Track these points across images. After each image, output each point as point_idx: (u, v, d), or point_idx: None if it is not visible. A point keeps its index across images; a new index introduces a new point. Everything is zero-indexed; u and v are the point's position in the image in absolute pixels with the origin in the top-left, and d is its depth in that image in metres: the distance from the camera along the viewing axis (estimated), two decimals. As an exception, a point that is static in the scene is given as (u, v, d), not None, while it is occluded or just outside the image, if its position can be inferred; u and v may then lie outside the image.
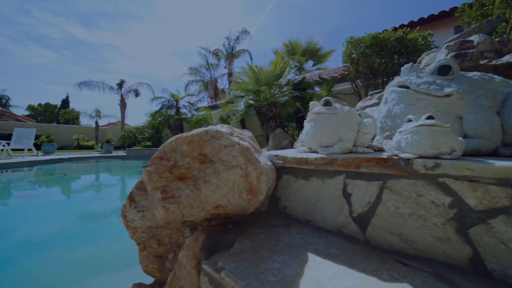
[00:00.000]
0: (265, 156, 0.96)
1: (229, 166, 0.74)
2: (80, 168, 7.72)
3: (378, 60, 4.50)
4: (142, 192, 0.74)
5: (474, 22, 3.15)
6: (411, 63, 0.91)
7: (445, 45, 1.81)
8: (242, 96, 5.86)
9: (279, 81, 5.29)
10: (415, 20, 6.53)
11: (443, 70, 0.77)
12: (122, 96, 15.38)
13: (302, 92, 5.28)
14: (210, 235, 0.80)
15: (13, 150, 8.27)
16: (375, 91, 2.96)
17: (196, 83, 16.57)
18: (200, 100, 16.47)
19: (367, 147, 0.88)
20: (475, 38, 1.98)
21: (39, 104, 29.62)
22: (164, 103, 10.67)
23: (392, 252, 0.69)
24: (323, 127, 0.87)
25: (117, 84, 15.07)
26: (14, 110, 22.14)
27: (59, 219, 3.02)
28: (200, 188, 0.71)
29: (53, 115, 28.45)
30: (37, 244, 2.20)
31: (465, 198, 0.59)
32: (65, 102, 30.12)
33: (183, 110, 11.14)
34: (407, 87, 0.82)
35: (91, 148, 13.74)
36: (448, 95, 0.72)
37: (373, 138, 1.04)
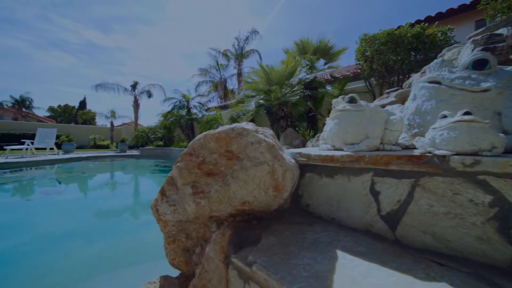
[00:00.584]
0: (288, 154, 0.96)
1: (257, 162, 0.75)
2: (97, 167, 8.05)
3: (393, 57, 4.37)
4: (173, 187, 0.77)
5: (499, 15, 2.99)
6: (441, 59, 0.88)
7: (471, 39, 1.72)
8: (253, 96, 5.88)
9: (290, 80, 5.26)
10: (432, 15, 6.28)
11: (478, 64, 0.74)
12: (135, 97, 15.89)
13: (314, 91, 5.23)
14: (236, 230, 0.82)
15: (36, 149, 8.75)
16: (392, 89, 2.88)
17: (206, 83, 16.81)
18: (210, 100, 16.68)
19: (394, 145, 0.86)
20: (503, 31, 1.88)
21: (59, 106, 31.22)
22: (176, 104, 10.90)
23: (425, 252, 0.67)
24: (348, 125, 0.86)
25: (131, 86, 15.58)
26: (36, 112, 23.49)
27: (77, 214, 3.18)
28: (229, 183, 0.73)
29: (72, 116, 29.89)
30: (57, 238, 2.32)
31: (508, 196, 0.56)
32: (83, 104, 31.56)
33: (193, 111, 11.33)
34: (438, 83, 0.79)
35: (106, 147, 14.30)
36: (485, 90, 0.69)
37: (398, 136, 1.01)
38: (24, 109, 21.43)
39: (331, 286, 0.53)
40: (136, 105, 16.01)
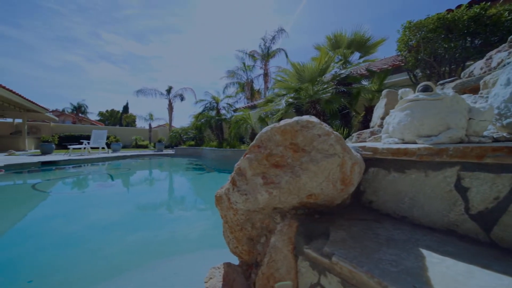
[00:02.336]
0: (351, 147, 0.93)
1: (327, 154, 0.74)
2: (138, 164, 8.91)
3: (444, 45, 3.90)
4: (242, 177, 0.81)
5: None
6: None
7: None
8: (283, 94, 5.84)
9: (323, 77, 5.08)
10: (494, -8, 5.40)
11: None
12: (169, 101, 17.14)
13: (349, 87, 4.96)
14: (303, 222, 0.82)
15: (91, 148, 10.07)
16: (447, 80, 2.57)
17: (233, 85, 17.28)
18: (237, 101, 17.09)
19: (483, 137, 0.76)
20: None
21: (106, 110, 35.51)
22: (206, 105, 11.43)
23: (536, 257, 0.58)
24: (423, 115, 0.80)
25: (166, 90, 16.86)
26: (89, 116, 27.12)
27: (123, 206, 3.55)
28: (299, 175, 0.74)
29: (117, 119, 33.71)
30: (105, 227, 2.61)
31: None
32: (126, 108, 35.36)
33: (222, 111, 11.74)
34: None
35: (145, 147, 15.72)
36: None
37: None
38: (80, 114, 24.93)
39: (430, 284, 0.50)
40: (170, 108, 17.26)
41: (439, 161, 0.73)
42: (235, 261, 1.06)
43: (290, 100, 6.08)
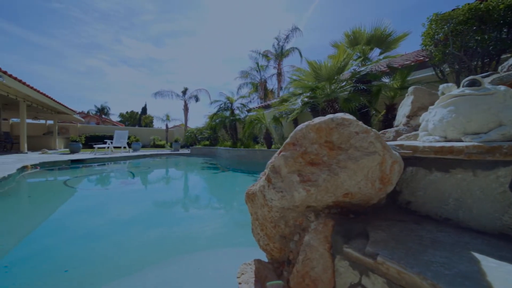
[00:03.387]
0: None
1: (367, 152, 0.72)
2: (157, 163, 9.26)
3: (477, 37, 3.64)
4: (277, 175, 0.81)
5: None
6: None
7: None
8: (299, 94, 5.77)
9: (340, 75, 4.94)
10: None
11: None
12: (185, 102, 17.65)
13: (369, 85, 4.78)
14: (338, 222, 0.81)
15: (114, 147, 10.65)
16: (482, 74, 2.39)
17: (246, 85, 17.38)
18: (250, 101, 17.17)
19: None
20: None
21: (126, 112, 37.41)
22: (221, 106, 11.61)
23: None
24: (471, 111, 0.75)
25: (182, 92, 17.39)
26: (111, 117, 28.75)
27: (144, 203, 3.70)
28: (337, 173, 0.73)
29: (136, 120, 35.40)
30: (125, 222, 2.73)
31: None
32: (144, 109, 37.02)
33: (236, 112, 11.85)
34: None
35: (163, 146, 16.32)
36: None
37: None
38: (103, 116, 26.49)
39: (493, 289, 0.47)
40: (185, 109, 17.77)
41: (491, 160, 0.69)
42: (252, 258, 1.06)
43: (306, 99, 5.99)
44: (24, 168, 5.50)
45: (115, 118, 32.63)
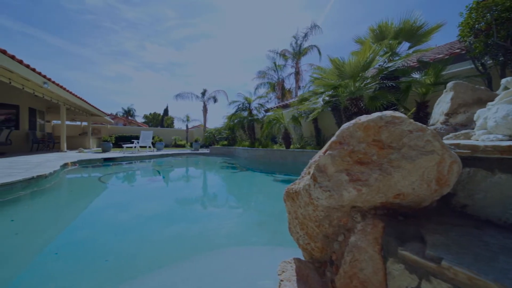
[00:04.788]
0: (440, 145, 0.85)
1: (423, 151, 0.69)
2: (178, 162, 9.66)
3: (527, 25, 3.27)
4: (323, 174, 0.81)
5: None
6: None
7: None
8: (321, 92, 5.64)
9: (366, 72, 4.73)
10: None
11: None
12: (204, 103, 18.17)
13: (397, 81, 4.51)
14: (388, 223, 0.78)
15: (140, 147, 11.33)
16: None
17: (264, 85, 17.40)
18: (267, 101, 17.16)
19: None
20: None
21: (150, 113, 39.64)
22: (239, 106, 11.76)
23: None
24: (545, 107, 0.68)
25: (201, 93, 17.93)
26: (137, 119, 30.66)
27: (168, 199, 3.87)
28: (390, 172, 0.70)
29: (158, 121, 37.36)
30: (148, 218, 2.85)
31: None
32: (166, 111, 38.92)
33: (254, 112, 11.92)
34: None
35: (183, 146, 16.98)
36: None
37: None
38: (129, 117, 28.33)
39: None
40: (204, 110, 18.29)
41: None
42: (274, 257, 1.06)
43: (327, 98, 5.83)
44: (65, 165, 6.08)
45: (139, 119, 34.75)
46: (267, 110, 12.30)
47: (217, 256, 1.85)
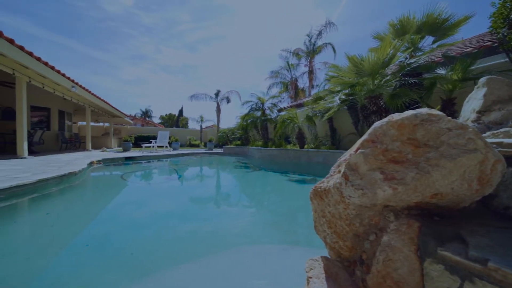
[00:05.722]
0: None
1: (465, 150, 0.67)
2: (194, 161, 9.92)
3: None
4: (354, 172, 0.81)
5: None
6: None
7: None
8: (338, 91, 5.52)
9: (385, 69, 4.55)
10: None
11: None
12: (217, 104, 18.47)
13: (420, 78, 4.28)
14: (424, 223, 0.76)
15: (157, 146, 11.78)
16: None
17: (276, 85, 17.34)
18: (280, 101, 17.08)
19: None
20: None
21: (165, 114, 41.10)
22: (252, 106, 11.83)
23: None
24: None
25: (215, 94, 18.25)
26: (154, 119, 31.94)
27: (185, 198, 3.99)
28: (428, 171, 0.69)
29: (174, 122, 38.64)
30: (163, 215, 2.95)
31: None
32: (181, 112, 40.15)
33: (267, 112, 11.93)
34: None
35: (197, 146, 17.39)
36: None
37: None
38: (147, 118, 29.58)
39: None
40: (218, 110, 18.60)
41: None
42: (289, 255, 1.06)
43: (343, 97, 5.69)
44: (91, 163, 6.49)
45: (156, 120, 36.15)
46: (280, 110, 12.25)
47: (233, 253, 1.89)
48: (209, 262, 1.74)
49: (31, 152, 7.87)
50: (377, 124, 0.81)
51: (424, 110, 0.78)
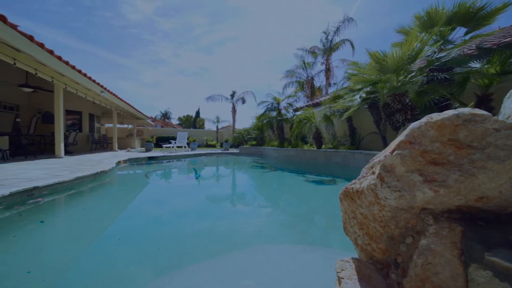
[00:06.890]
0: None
1: (516, 151, 0.63)
2: (211, 161, 10.17)
3: None
4: (390, 173, 0.80)
5: None
6: None
7: None
8: (358, 89, 5.33)
9: (411, 64, 4.30)
10: None
11: None
12: (233, 104, 18.75)
13: (450, 73, 3.99)
14: (467, 228, 0.73)
15: (177, 147, 12.27)
16: None
17: (292, 84, 17.15)
18: (296, 100, 16.87)
19: None
20: None
21: (183, 116, 42.67)
22: (268, 106, 11.84)
23: None
24: None
25: (230, 95, 18.55)
26: (172, 121, 33.34)
27: (201, 196, 4.10)
28: (474, 173, 0.66)
29: (191, 123, 40.00)
30: (187, 212, 3.03)
31: None
32: (198, 113, 41.44)
33: (283, 112, 11.85)
34: None
35: (214, 146, 17.79)
36: None
37: None
38: (166, 120, 30.95)
39: None
40: (233, 111, 18.88)
41: None
42: (304, 257, 1.06)
43: (364, 95, 5.49)
44: (118, 162, 6.96)
45: (174, 121, 37.67)
46: (296, 110, 12.11)
47: (252, 252, 1.93)
48: (233, 258, 1.80)
49: (67, 152, 8.64)
50: (414, 124, 0.79)
51: (466, 110, 0.75)
